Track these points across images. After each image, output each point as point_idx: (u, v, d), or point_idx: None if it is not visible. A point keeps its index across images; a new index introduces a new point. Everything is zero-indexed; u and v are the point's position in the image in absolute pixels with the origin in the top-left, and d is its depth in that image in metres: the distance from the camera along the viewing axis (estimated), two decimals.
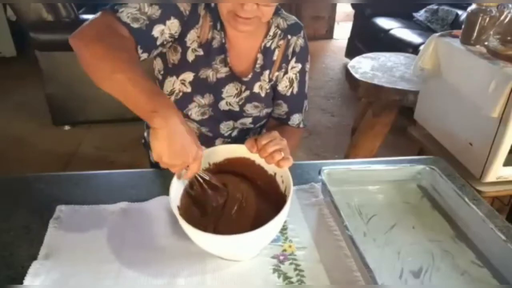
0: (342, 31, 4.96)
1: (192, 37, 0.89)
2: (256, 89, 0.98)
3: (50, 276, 0.67)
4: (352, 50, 3.83)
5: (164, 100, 0.64)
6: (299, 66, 1.01)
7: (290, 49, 0.99)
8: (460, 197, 0.85)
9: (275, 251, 0.74)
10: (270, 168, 0.78)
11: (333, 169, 0.91)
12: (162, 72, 0.95)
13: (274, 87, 1.02)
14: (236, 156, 0.79)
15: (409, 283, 0.71)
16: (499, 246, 0.74)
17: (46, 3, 2.35)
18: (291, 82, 1.02)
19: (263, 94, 0.99)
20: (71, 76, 2.51)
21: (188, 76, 0.92)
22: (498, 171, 1.26)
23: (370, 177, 0.95)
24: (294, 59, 1.00)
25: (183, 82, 0.92)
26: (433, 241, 0.81)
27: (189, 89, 0.93)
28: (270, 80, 0.99)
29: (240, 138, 1.06)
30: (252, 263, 0.72)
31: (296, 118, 1.07)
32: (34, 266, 0.68)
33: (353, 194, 0.92)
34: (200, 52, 0.91)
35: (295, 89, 1.03)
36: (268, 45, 0.96)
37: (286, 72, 1.01)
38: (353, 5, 4.00)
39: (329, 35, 5.04)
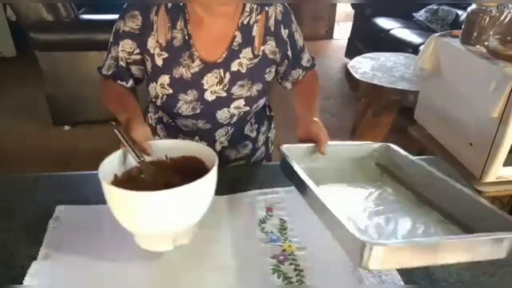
0: (342, 31, 4.96)
1: (151, 44, 0.95)
2: (234, 67, 0.97)
3: (50, 276, 0.67)
4: (352, 50, 3.83)
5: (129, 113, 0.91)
6: (287, 31, 1.01)
7: (271, 21, 0.98)
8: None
9: (274, 251, 0.74)
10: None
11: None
12: (145, 79, 1.03)
13: (263, 62, 1.00)
14: (193, 155, 0.80)
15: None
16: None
17: (46, 3, 2.35)
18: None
19: (243, 70, 0.98)
20: (71, 76, 2.51)
21: (165, 79, 0.96)
22: (498, 171, 1.26)
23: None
24: (282, 27, 1.00)
25: (162, 86, 0.97)
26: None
27: (170, 91, 0.97)
28: (255, 56, 0.98)
29: (240, 123, 1.06)
30: (251, 263, 0.71)
31: (295, 73, 1.08)
32: (34, 266, 0.68)
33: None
34: (165, 55, 0.95)
35: (289, 52, 1.04)
36: (246, 22, 0.97)
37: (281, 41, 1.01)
38: (353, 5, 4.00)
39: (329, 35, 5.04)
